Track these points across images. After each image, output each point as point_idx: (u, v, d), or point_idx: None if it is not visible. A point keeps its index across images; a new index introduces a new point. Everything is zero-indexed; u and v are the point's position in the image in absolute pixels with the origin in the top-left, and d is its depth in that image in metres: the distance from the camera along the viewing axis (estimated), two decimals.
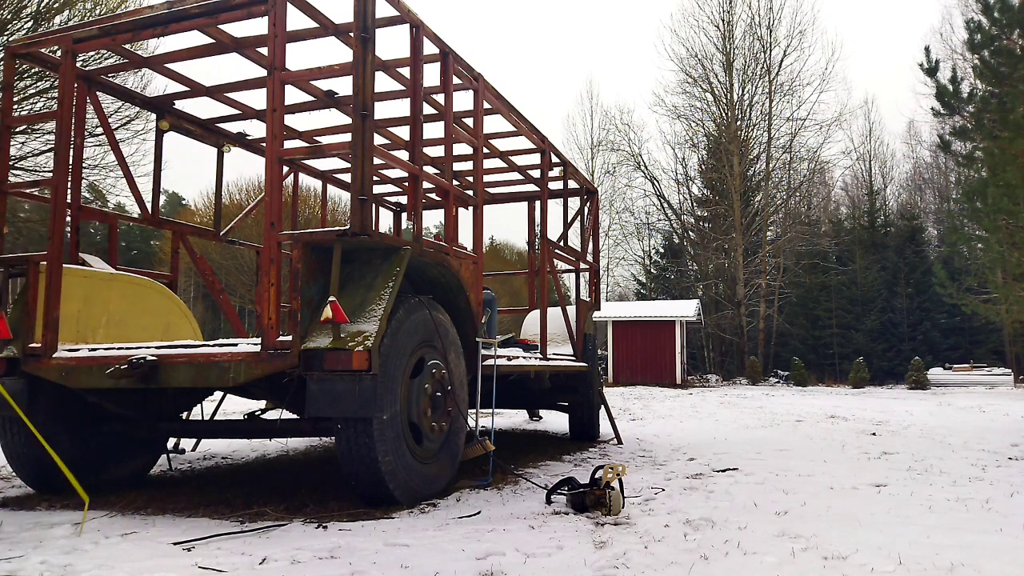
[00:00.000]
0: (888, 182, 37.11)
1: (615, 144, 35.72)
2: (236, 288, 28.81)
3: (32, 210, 14.68)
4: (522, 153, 7.35)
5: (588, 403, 7.23)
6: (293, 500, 3.96)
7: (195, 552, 2.87)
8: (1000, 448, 6.55)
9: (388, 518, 3.52)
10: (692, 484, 4.56)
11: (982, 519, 3.46)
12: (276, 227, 3.78)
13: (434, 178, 4.78)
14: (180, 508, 3.83)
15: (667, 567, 2.63)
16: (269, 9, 3.87)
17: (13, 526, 3.36)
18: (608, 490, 3.62)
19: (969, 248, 14.68)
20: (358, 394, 3.54)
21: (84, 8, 12.25)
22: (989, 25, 9.16)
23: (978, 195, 9.82)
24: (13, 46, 4.64)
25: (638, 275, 37.41)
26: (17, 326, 4.20)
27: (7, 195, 4.55)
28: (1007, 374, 24.44)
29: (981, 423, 9.51)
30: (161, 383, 3.84)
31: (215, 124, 6.06)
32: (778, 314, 31.90)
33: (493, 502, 3.99)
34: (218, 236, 6.44)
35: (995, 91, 9.34)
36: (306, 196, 24.83)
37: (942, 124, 12.76)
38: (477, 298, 4.90)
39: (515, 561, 2.72)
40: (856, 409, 12.41)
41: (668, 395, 18.15)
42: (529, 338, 7.37)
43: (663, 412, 11.79)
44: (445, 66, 4.68)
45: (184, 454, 6.16)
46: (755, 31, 32.89)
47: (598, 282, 8.19)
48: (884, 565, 2.61)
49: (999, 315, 13.39)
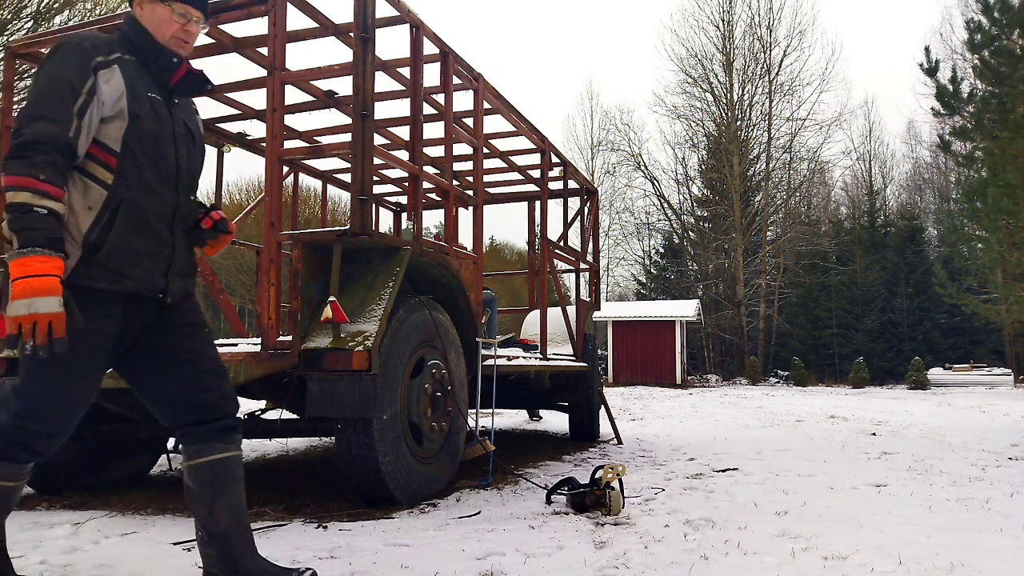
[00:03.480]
0: (888, 182, 37.15)
1: (615, 144, 35.76)
2: (236, 288, 28.80)
3: None
4: (522, 153, 7.35)
5: (588, 403, 7.23)
6: (293, 500, 3.96)
7: (195, 552, 2.86)
8: (1000, 448, 6.55)
9: (388, 518, 3.52)
10: (692, 484, 4.56)
11: (982, 519, 3.45)
12: (276, 227, 3.78)
13: (434, 178, 4.78)
14: (180, 508, 3.83)
15: (667, 567, 2.63)
16: (269, 9, 3.87)
17: (13, 526, 3.35)
18: (608, 490, 3.62)
19: (969, 248, 14.67)
20: (358, 394, 3.53)
21: (84, 8, 12.25)
22: (989, 25, 9.16)
23: (978, 195, 9.82)
24: (13, 46, 4.64)
25: (638, 275, 37.42)
26: None
27: None
28: (1007, 374, 24.44)
29: (981, 423, 9.51)
30: None
31: (215, 124, 6.06)
32: (778, 314, 31.90)
33: (493, 502, 3.99)
34: None
35: (995, 91, 9.34)
36: (306, 196, 24.81)
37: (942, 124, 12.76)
38: (477, 298, 4.90)
39: (515, 561, 2.72)
40: (856, 409, 12.42)
41: (668, 395, 18.15)
42: (529, 338, 7.37)
43: (663, 412, 11.79)
44: (445, 66, 4.68)
45: None
46: (755, 31, 32.92)
47: (598, 282, 8.19)
48: (884, 565, 2.61)
49: (999, 315, 13.39)
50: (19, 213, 1.84)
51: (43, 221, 1.84)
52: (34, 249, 1.82)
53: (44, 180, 1.86)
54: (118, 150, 2.02)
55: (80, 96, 1.95)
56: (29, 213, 1.84)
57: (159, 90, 2.16)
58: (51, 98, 1.94)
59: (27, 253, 1.81)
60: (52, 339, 1.81)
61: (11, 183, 1.85)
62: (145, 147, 2.06)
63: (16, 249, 1.83)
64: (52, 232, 1.86)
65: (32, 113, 1.92)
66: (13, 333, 1.81)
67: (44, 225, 1.84)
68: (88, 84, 1.97)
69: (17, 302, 1.79)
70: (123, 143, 2.03)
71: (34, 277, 1.79)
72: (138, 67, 2.11)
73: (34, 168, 1.85)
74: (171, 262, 2.16)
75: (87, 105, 1.96)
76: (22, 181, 1.85)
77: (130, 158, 2.04)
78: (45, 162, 1.87)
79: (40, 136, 1.88)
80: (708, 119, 33.99)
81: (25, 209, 1.84)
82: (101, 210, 1.99)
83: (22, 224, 1.83)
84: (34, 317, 1.79)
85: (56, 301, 1.81)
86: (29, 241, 1.82)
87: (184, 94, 2.28)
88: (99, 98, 1.99)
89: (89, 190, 1.99)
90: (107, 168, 2.01)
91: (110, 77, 2.02)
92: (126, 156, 2.03)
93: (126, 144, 2.03)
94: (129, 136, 2.03)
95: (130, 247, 2.03)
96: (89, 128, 1.97)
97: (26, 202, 1.84)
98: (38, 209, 1.84)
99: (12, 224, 1.85)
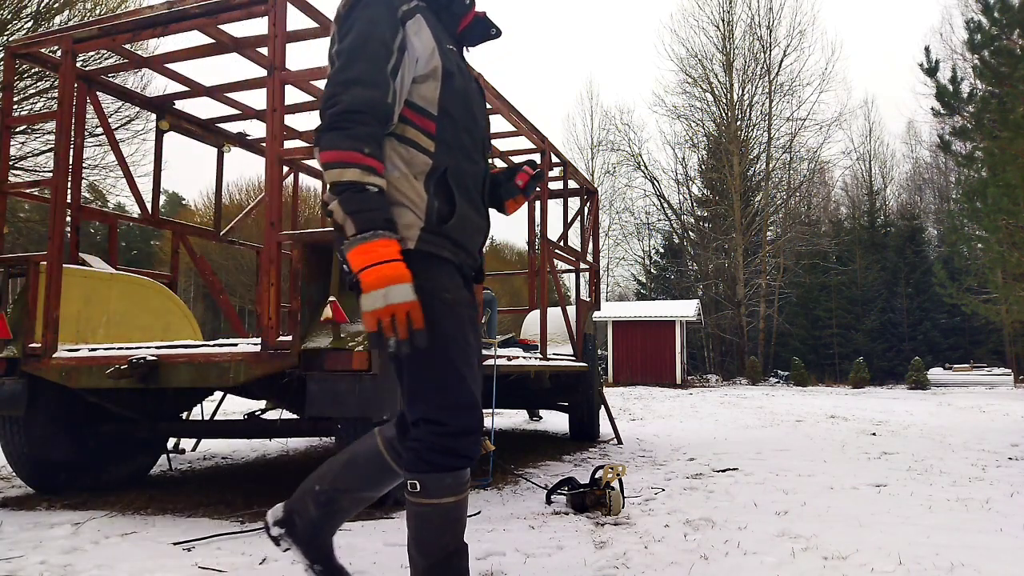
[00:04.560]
0: (888, 182, 37.15)
1: (615, 144, 35.80)
2: (236, 288, 28.83)
3: (32, 210, 14.68)
4: (522, 153, 7.35)
5: (588, 403, 7.23)
6: None
7: (195, 552, 2.87)
8: (1000, 448, 6.55)
9: (388, 518, 3.52)
10: (692, 484, 4.56)
11: (982, 519, 3.45)
12: (276, 227, 3.78)
13: None
14: (180, 508, 3.83)
15: (667, 567, 2.63)
16: (269, 9, 3.87)
17: (13, 526, 3.36)
18: (608, 490, 3.62)
19: (969, 248, 14.68)
20: (358, 394, 3.53)
21: (84, 8, 12.24)
22: (989, 25, 9.15)
23: (978, 195, 9.82)
24: (13, 46, 4.64)
25: (638, 275, 37.44)
26: (17, 326, 4.20)
27: (7, 195, 4.56)
28: (1007, 374, 24.44)
29: (981, 423, 9.51)
30: (161, 383, 3.84)
31: (215, 124, 6.06)
32: (778, 314, 31.91)
33: (493, 502, 3.99)
34: (218, 236, 6.44)
35: (995, 91, 9.34)
36: (306, 196, 24.82)
37: (942, 124, 12.75)
38: (477, 298, 4.89)
39: (515, 561, 2.72)
40: (856, 409, 12.41)
41: (668, 395, 18.15)
42: (529, 338, 7.37)
43: (663, 412, 11.79)
44: None
45: (184, 454, 6.16)
46: (755, 31, 32.95)
47: (598, 282, 8.19)
48: (884, 565, 2.61)
49: (999, 315, 13.38)
50: (352, 193, 1.58)
51: (377, 201, 1.60)
52: (376, 232, 1.56)
53: (368, 154, 1.61)
54: (435, 113, 1.77)
55: (392, 55, 1.68)
56: (363, 192, 1.59)
57: (451, 40, 1.89)
58: (365, 58, 1.66)
59: (370, 237, 1.56)
60: (412, 331, 1.57)
61: (335, 158, 1.60)
62: (458, 109, 1.81)
63: (354, 235, 1.57)
64: (387, 212, 1.62)
65: (346, 77, 1.65)
66: (373, 330, 1.57)
67: (379, 205, 1.60)
68: (399, 39, 1.70)
69: (373, 294, 1.54)
70: (440, 105, 1.77)
71: (385, 263, 1.54)
72: (430, 14, 1.83)
73: (357, 141, 1.60)
74: (486, 236, 1.93)
75: (399, 64, 1.70)
76: (348, 156, 1.59)
77: (448, 122, 1.79)
78: (367, 134, 1.62)
79: (359, 103, 1.62)
80: (708, 119, 34.04)
81: (358, 188, 1.58)
82: (426, 180, 1.74)
83: (358, 205, 1.58)
84: (392, 309, 1.54)
85: (409, 289, 1.56)
86: (369, 224, 1.57)
87: (472, 42, 2.00)
88: (411, 54, 1.72)
89: (414, 158, 1.74)
90: (427, 134, 1.76)
91: (418, 29, 1.75)
92: (444, 120, 1.78)
93: (443, 106, 1.78)
94: (444, 97, 1.78)
95: (466, 217, 1.80)
96: (401, 90, 1.71)
97: (357, 180, 1.59)
98: (370, 187, 1.60)
99: (346, 206, 1.58)
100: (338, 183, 1.59)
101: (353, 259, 1.56)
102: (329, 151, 1.60)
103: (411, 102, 1.75)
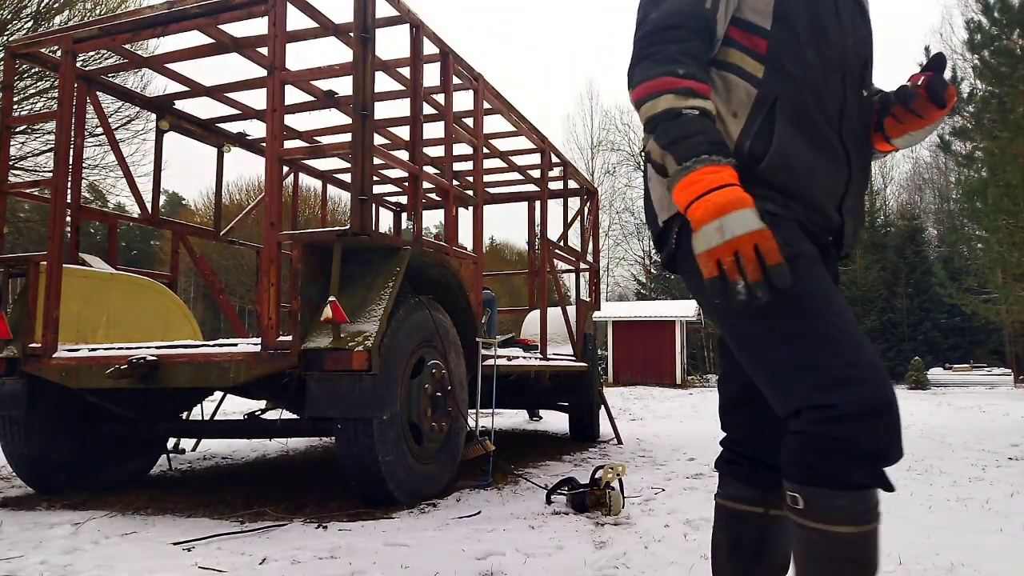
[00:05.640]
0: (888, 182, 37.13)
1: (615, 144, 35.77)
2: (236, 288, 28.83)
3: (32, 210, 14.68)
4: (522, 153, 7.36)
5: (588, 403, 7.23)
6: (293, 500, 3.96)
7: (195, 552, 2.87)
8: (1000, 448, 6.55)
9: (388, 518, 3.52)
10: (692, 484, 4.56)
11: (982, 519, 3.46)
12: (276, 227, 3.78)
13: (434, 178, 4.78)
14: (180, 508, 3.83)
15: (667, 567, 2.63)
16: (269, 9, 3.87)
17: (13, 526, 3.36)
18: (608, 490, 3.62)
19: (969, 248, 14.70)
20: (358, 394, 3.54)
21: (84, 8, 12.24)
22: (989, 25, 9.16)
23: (978, 195, 9.83)
24: (13, 46, 4.65)
25: (638, 275, 37.42)
26: (17, 326, 4.20)
27: (7, 195, 4.56)
28: (1007, 374, 24.45)
29: (981, 423, 9.51)
30: (161, 383, 3.84)
31: (215, 124, 6.06)
32: None
33: (493, 502, 3.99)
34: (218, 236, 6.44)
35: (995, 91, 9.34)
36: (306, 196, 24.82)
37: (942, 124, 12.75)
38: (477, 298, 4.90)
39: (515, 561, 2.72)
40: None
41: (668, 395, 18.15)
42: (529, 338, 7.37)
43: (663, 412, 11.79)
44: (445, 66, 4.68)
45: (184, 454, 6.16)
46: None
47: (598, 282, 8.19)
48: (884, 565, 2.60)
49: (999, 315, 13.40)
50: (665, 123, 1.30)
51: (698, 123, 1.29)
52: (699, 159, 1.25)
53: (684, 75, 1.31)
54: (768, 28, 1.42)
55: None
56: (678, 118, 1.29)
57: None
58: None
59: (692, 167, 1.25)
60: (766, 268, 1.18)
61: (644, 92, 1.33)
62: (801, 19, 1.43)
63: (676, 169, 1.27)
64: (712, 135, 1.29)
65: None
66: (714, 275, 1.21)
67: (701, 127, 1.28)
68: None
69: (705, 229, 1.21)
70: (775, 15, 1.42)
71: (714, 191, 1.22)
72: None
73: (669, 64, 1.33)
74: (847, 187, 1.48)
75: None
76: (657, 84, 1.32)
77: (786, 36, 1.42)
78: (680, 52, 1.33)
79: (669, 18, 1.36)
80: None
81: (672, 115, 1.30)
82: (750, 115, 1.40)
83: (674, 134, 1.28)
84: (734, 244, 1.19)
85: (752, 215, 1.20)
86: (689, 152, 1.26)
87: None
88: None
89: (732, 90, 1.42)
90: (755, 56, 1.42)
91: None
92: (780, 33, 1.42)
93: (779, 16, 1.42)
94: (782, 4, 1.42)
95: (798, 158, 1.39)
96: (727, 3, 1.41)
97: (671, 107, 1.30)
98: (687, 112, 1.30)
99: (661, 138, 1.30)
100: (652, 117, 1.32)
101: (679, 195, 1.26)
102: (638, 86, 1.36)
103: (737, 17, 1.44)
